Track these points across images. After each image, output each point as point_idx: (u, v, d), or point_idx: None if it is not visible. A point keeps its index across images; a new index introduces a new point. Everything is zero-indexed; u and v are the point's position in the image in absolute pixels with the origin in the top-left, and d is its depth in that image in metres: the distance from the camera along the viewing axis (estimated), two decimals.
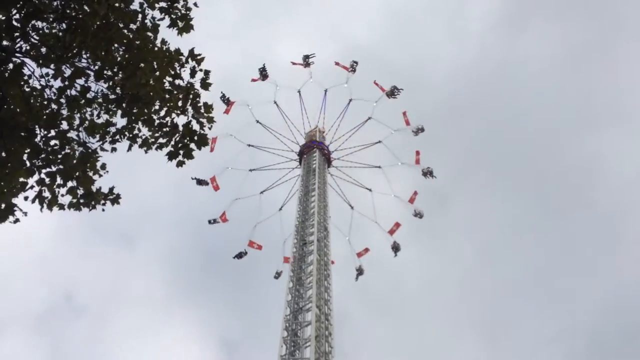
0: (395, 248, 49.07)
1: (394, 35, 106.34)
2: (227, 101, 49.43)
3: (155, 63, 10.12)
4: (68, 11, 8.97)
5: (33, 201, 9.17)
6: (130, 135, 10.13)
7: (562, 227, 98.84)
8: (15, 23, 8.81)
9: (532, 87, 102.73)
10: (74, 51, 9.12)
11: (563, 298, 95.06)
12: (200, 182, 50.05)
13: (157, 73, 9.85)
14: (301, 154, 50.43)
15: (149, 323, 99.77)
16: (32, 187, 9.24)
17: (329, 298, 30.86)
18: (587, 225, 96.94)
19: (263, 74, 52.27)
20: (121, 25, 9.53)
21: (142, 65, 9.56)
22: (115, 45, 9.47)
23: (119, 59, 9.94)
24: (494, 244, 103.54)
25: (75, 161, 9.52)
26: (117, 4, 9.27)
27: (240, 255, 48.76)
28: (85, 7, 8.83)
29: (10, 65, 8.77)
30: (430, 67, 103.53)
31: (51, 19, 9.13)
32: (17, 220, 9.29)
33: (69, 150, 9.42)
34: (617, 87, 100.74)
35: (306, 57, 52.36)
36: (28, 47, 9.48)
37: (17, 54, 8.94)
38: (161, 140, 10.58)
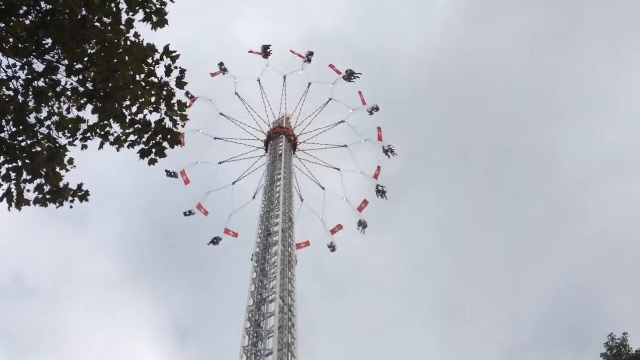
0: (363, 225, 49.93)
1: (359, 20, 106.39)
2: (191, 97, 49.00)
3: (127, 58, 9.92)
4: (39, 7, 8.68)
5: (0, 200, 8.90)
6: (102, 133, 9.92)
7: (516, 214, 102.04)
8: None
9: (495, 75, 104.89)
10: (47, 47, 8.85)
11: (514, 284, 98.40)
12: (170, 174, 49.51)
13: (131, 71, 9.64)
14: (267, 142, 50.39)
15: (102, 305, 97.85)
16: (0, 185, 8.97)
17: (293, 289, 31.02)
18: (539, 214, 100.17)
19: (222, 68, 52.87)
20: (95, 21, 9.29)
21: (116, 63, 9.31)
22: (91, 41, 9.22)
23: (89, 51, 9.71)
24: (450, 228, 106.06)
25: (44, 158, 9.27)
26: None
27: (215, 242, 48.64)
28: (60, 2, 8.54)
29: None
30: (395, 53, 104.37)
31: (21, 13, 8.82)
32: None
33: (39, 148, 9.15)
34: (580, 79, 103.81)
35: (265, 48, 52.80)
36: None
37: None
38: (132, 137, 10.40)
